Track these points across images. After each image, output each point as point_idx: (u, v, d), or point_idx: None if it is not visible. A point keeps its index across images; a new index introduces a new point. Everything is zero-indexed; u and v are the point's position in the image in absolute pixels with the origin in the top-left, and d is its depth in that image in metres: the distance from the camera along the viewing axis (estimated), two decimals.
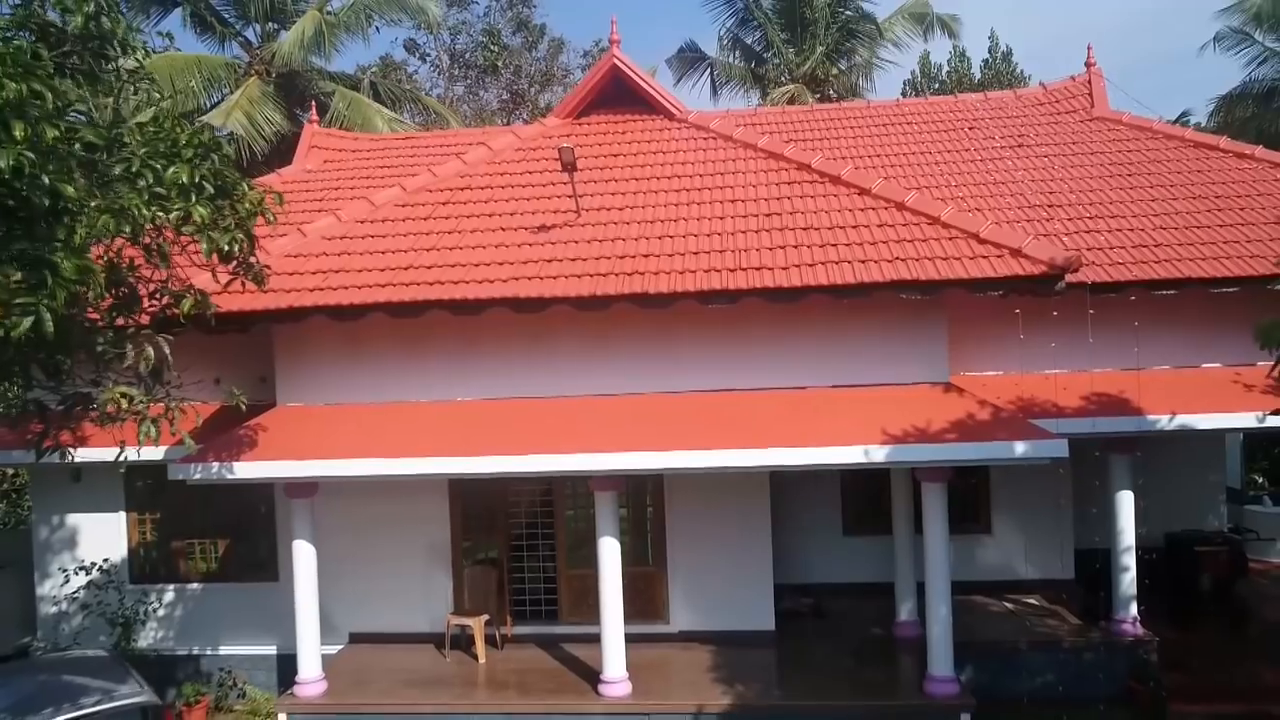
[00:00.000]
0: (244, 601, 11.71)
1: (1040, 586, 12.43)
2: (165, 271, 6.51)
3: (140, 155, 5.84)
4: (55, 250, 4.49)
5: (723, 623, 10.93)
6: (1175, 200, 11.34)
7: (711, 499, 10.79)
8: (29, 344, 4.76)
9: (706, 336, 9.60)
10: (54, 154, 4.33)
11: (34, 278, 4.49)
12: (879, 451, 8.41)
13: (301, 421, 9.70)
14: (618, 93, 12.42)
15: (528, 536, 11.35)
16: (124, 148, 5.86)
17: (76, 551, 11.98)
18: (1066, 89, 14.36)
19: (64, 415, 6.91)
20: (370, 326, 9.51)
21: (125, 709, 7.78)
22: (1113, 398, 10.14)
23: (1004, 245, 8.70)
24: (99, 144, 5.13)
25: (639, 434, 8.89)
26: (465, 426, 9.38)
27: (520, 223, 10.15)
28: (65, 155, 4.50)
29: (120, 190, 5.64)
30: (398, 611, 11.30)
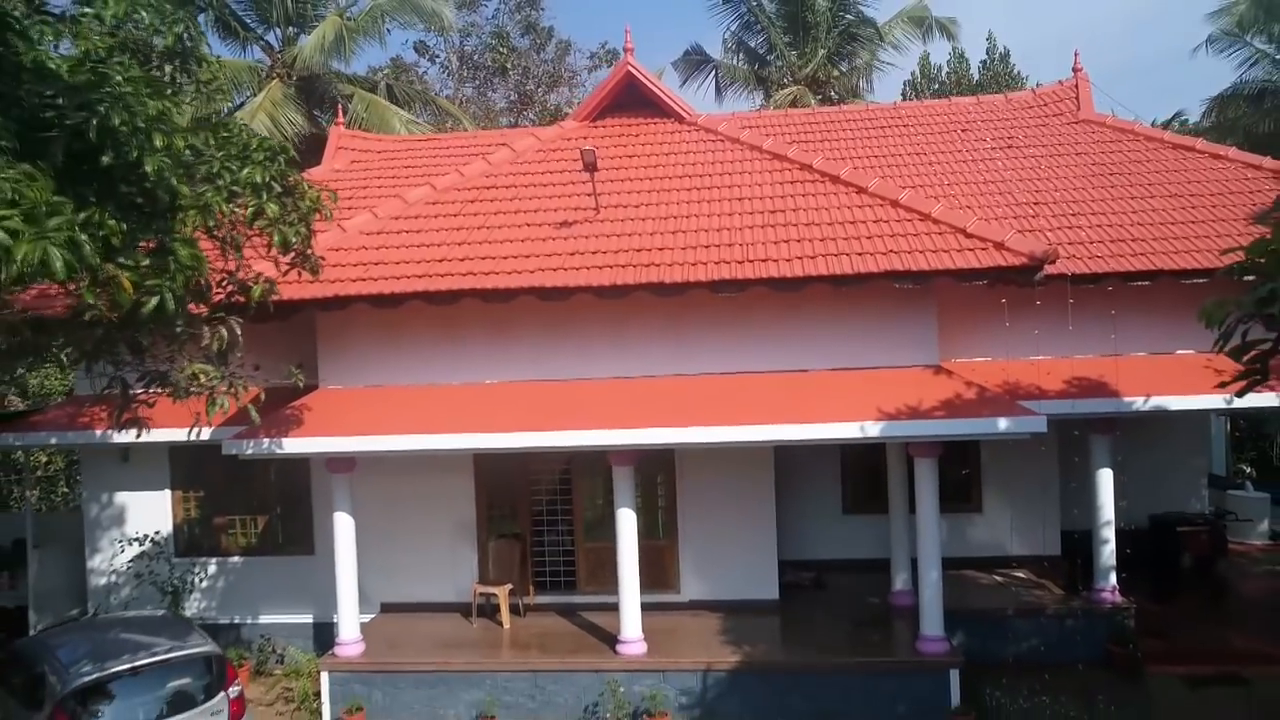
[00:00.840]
0: (282, 573, 12.51)
1: (1028, 562, 13.19)
2: (236, 260, 7.30)
3: (219, 158, 6.64)
4: (174, 241, 5.31)
5: (730, 592, 11.74)
6: (1153, 198, 12.13)
7: (720, 477, 11.60)
8: (150, 320, 5.58)
9: (716, 323, 10.42)
10: (178, 159, 5.15)
11: (158, 264, 5.30)
12: (874, 427, 9.22)
13: (343, 402, 10.52)
14: (631, 97, 13.26)
15: (548, 512, 12.16)
16: (204, 151, 6.67)
17: (125, 527, 12.78)
18: (1054, 93, 15.17)
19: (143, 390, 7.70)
20: (406, 314, 10.34)
21: (194, 656, 8.63)
22: (1092, 381, 10.93)
23: (988, 239, 9.50)
24: (201, 149, 5.93)
25: (654, 412, 9.71)
26: (494, 406, 10.20)
27: (544, 219, 10.97)
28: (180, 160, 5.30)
29: (203, 189, 6.44)
30: (427, 583, 12.11)
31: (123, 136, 4.67)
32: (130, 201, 4.97)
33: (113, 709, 8.01)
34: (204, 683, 8.53)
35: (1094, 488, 11.52)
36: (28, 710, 8.27)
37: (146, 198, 5.02)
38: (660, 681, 10.06)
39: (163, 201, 5.16)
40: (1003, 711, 10.04)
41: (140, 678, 8.29)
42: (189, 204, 5.99)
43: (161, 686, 8.36)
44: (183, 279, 5.51)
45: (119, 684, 8.16)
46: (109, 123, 4.58)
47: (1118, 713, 9.87)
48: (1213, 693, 10.32)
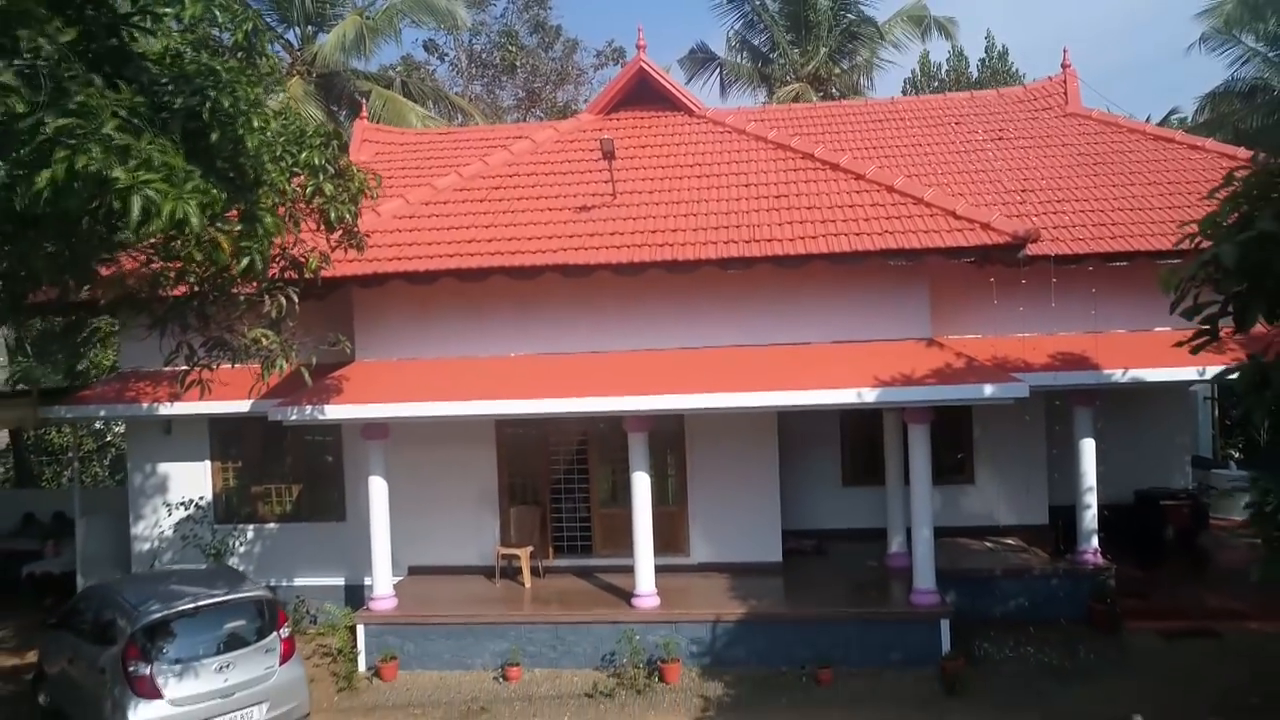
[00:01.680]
0: (315, 539, 13.31)
1: (1017, 530, 13.96)
2: (294, 235, 8.09)
3: (281, 141, 7.45)
4: (260, 210, 6.11)
5: (736, 555, 12.55)
6: (1133, 186, 12.91)
7: (727, 447, 12.41)
8: (242, 274, 6.40)
9: (724, 300, 11.24)
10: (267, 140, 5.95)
11: (247, 230, 6.10)
12: (870, 393, 10.03)
13: (377, 374, 11.34)
14: (643, 92, 14.08)
15: (565, 481, 12.98)
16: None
17: (167, 496, 13.60)
18: (1044, 88, 15.97)
19: (206, 354, 8.51)
20: (437, 291, 11.15)
21: (247, 600, 9.45)
22: (1074, 355, 11.73)
23: (975, 220, 10.30)
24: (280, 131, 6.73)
25: (666, 380, 10.52)
26: (518, 376, 11.02)
27: (564, 204, 11.79)
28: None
29: (269, 169, 7.25)
30: (452, 547, 12.92)
31: (226, 117, 5.49)
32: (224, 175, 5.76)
33: (176, 645, 8.81)
34: (257, 625, 9.33)
35: (1077, 457, 12.30)
36: (99, 647, 9.09)
37: (237, 172, 5.81)
38: (673, 632, 10.86)
39: (249, 176, 5.96)
40: (990, 660, 10.86)
41: (200, 617, 9.11)
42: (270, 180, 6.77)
43: (219, 626, 9.17)
44: (267, 243, 6.32)
45: (182, 623, 8.96)
46: (219, 105, 5.40)
47: (1096, 660, 10.69)
48: (1186, 645, 11.08)
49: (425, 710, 10.24)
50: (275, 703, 9.10)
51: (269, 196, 6.39)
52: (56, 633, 10.24)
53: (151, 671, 8.51)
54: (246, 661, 9.00)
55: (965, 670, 10.31)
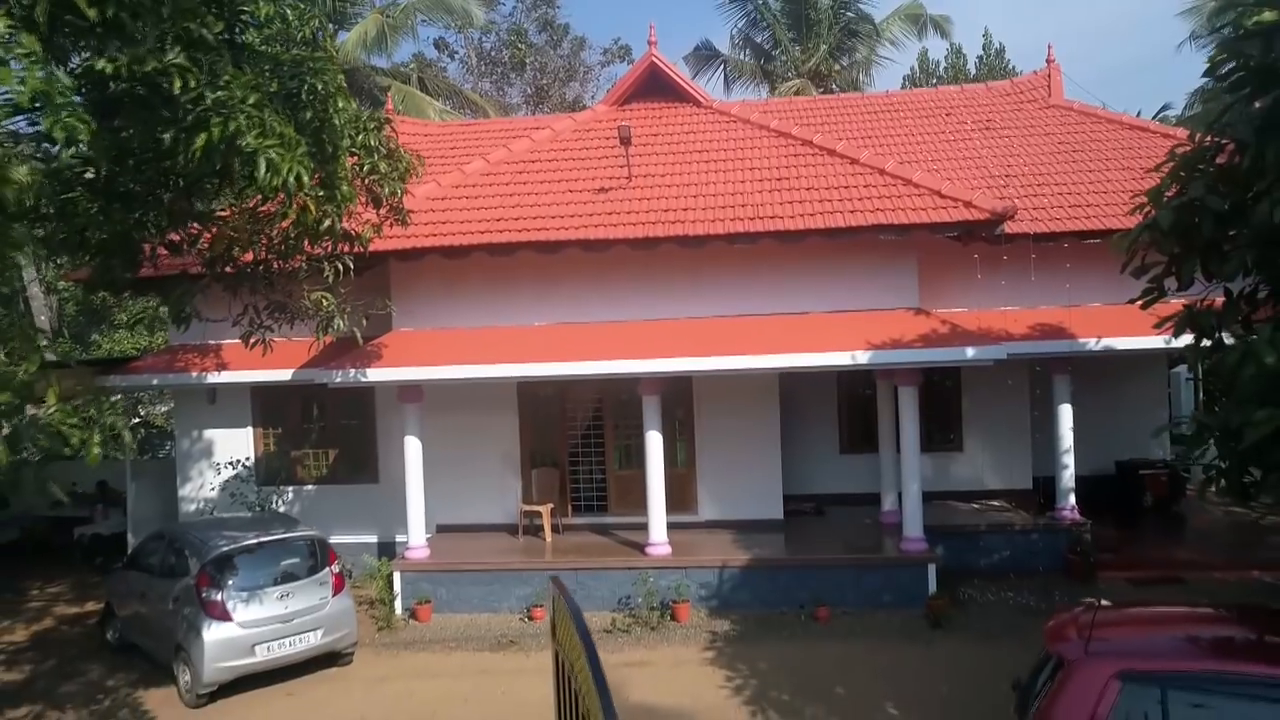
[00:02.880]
0: (350, 499, 14.35)
1: (1002, 494, 15.00)
2: (351, 209, 9.08)
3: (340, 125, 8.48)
4: (338, 179, 7.14)
5: (741, 513, 13.58)
6: (1108, 171, 13.93)
7: (732, 413, 13.44)
8: (325, 234, 7.45)
9: (730, 273, 12.27)
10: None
11: (329, 195, 7.13)
12: (863, 355, 11.07)
13: (414, 341, 12.39)
14: (654, 85, 15.13)
15: (583, 445, 14.03)
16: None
17: (213, 460, 14.66)
18: (1029, 82, 17.00)
19: (269, 315, 9.55)
20: (468, 266, 12.20)
21: (302, 538, 10.53)
22: (1052, 327, 12.76)
23: (959, 198, 11.33)
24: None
25: (677, 345, 11.56)
26: (540, 343, 12.06)
27: (583, 186, 12.83)
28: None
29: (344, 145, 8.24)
30: (477, 506, 13.95)
31: (318, 99, 6.51)
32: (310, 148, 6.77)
33: (241, 575, 9.87)
34: (310, 561, 10.40)
35: (1055, 421, 13.33)
36: (170, 580, 10.16)
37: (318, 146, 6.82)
38: (683, 577, 11.90)
39: (328, 150, 6.97)
40: (973, 602, 11.89)
41: (261, 553, 10.18)
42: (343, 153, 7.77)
43: (278, 561, 10.24)
44: (343, 209, 7.35)
45: (245, 557, 10.04)
46: (314, 88, 6.42)
47: (1068, 603, 11.70)
48: (1152, 590, 12.10)
49: (460, 644, 11.27)
50: (329, 629, 10.16)
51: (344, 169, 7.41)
52: (125, 573, 11.33)
53: (222, 597, 9.57)
54: (303, 592, 10.06)
55: (950, 609, 11.34)
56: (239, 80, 5.51)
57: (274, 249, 8.87)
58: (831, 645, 10.63)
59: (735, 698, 9.25)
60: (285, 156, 5.72)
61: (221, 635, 9.43)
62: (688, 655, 10.48)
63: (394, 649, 11.22)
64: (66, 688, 10.33)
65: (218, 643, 9.38)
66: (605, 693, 3.31)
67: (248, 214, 7.57)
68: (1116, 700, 5.07)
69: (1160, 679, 5.08)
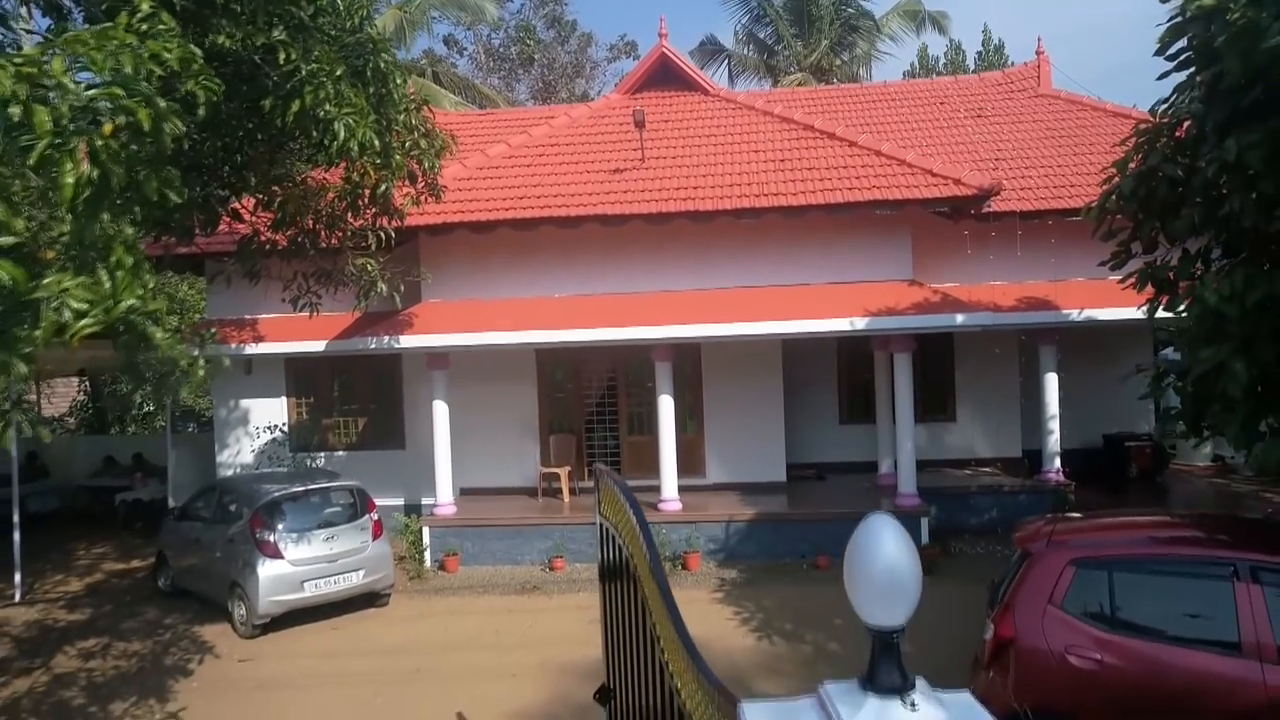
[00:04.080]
0: (378, 465, 15.23)
1: (994, 462, 15.90)
2: (401, 177, 9.92)
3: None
4: (392, 149, 8.03)
5: (747, 476, 14.48)
6: (1092, 154, 14.78)
7: (738, 381, 14.34)
8: (378, 200, 8.37)
9: (736, 248, 13.16)
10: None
11: (385, 163, 8.03)
12: (860, 322, 11.96)
13: (442, 311, 13.28)
14: (665, 74, 16.04)
15: (598, 413, 14.93)
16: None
17: (249, 428, 15.58)
18: (1020, 72, 17.89)
19: (316, 281, 10.45)
20: (493, 241, 13.10)
21: (343, 487, 11.45)
22: (1038, 299, 13.67)
23: (949, 176, 12.22)
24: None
25: (687, 314, 12.46)
26: (560, 312, 12.95)
27: (599, 167, 13.74)
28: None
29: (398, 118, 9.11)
30: (498, 470, 14.85)
31: (380, 75, 7.40)
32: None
33: (289, 520, 10.78)
34: (351, 509, 11.31)
35: (1042, 389, 14.23)
36: (224, 525, 11.07)
37: (379, 117, 7.69)
38: (693, 531, 12.79)
39: (384, 122, 7.86)
40: (963, 554, 12.79)
41: (307, 500, 11.09)
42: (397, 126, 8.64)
43: (323, 508, 11.16)
44: (395, 176, 8.26)
45: (293, 503, 10.95)
46: (377, 65, 7.32)
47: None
48: None
49: (486, 590, 12.17)
50: (369, 570, 11.06)
51: (398, 140, 8.30)
52: (177, 524, 12.24)
53: (274, 538, 10.48)
54: (346, 536, 10.97)
55: (941, 558, 12.24)
56: (325, 55, 6.41)
57: (321, 220, 9.78)
58: (831, 588, 11.50)
59: (743, 627, 10.16)
60: (359, 123, 6.63)
61: (274, 572, 10.34)
62: (698, 596, 11.37)
63: (425, 595, 12.11)
64: (127, 624, 11.24)
65: (271, 578, 10.29)
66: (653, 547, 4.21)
67: (299, 188, 8.45)
68: (1071, 582, 5.98)
69: (1107, 563, 5.98)
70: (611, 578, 5.17)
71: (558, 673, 8.89)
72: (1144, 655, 5.68)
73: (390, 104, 7.73)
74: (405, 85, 8.14)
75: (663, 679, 4.07)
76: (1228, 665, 5.48)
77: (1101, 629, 5.81)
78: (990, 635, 6.26)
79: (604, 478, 5.20)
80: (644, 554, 4.28)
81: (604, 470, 5.25)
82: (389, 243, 10.23)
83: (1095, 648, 5.77)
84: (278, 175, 8.12)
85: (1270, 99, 6.14)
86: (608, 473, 5.17)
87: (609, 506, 5.11)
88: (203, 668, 9.71)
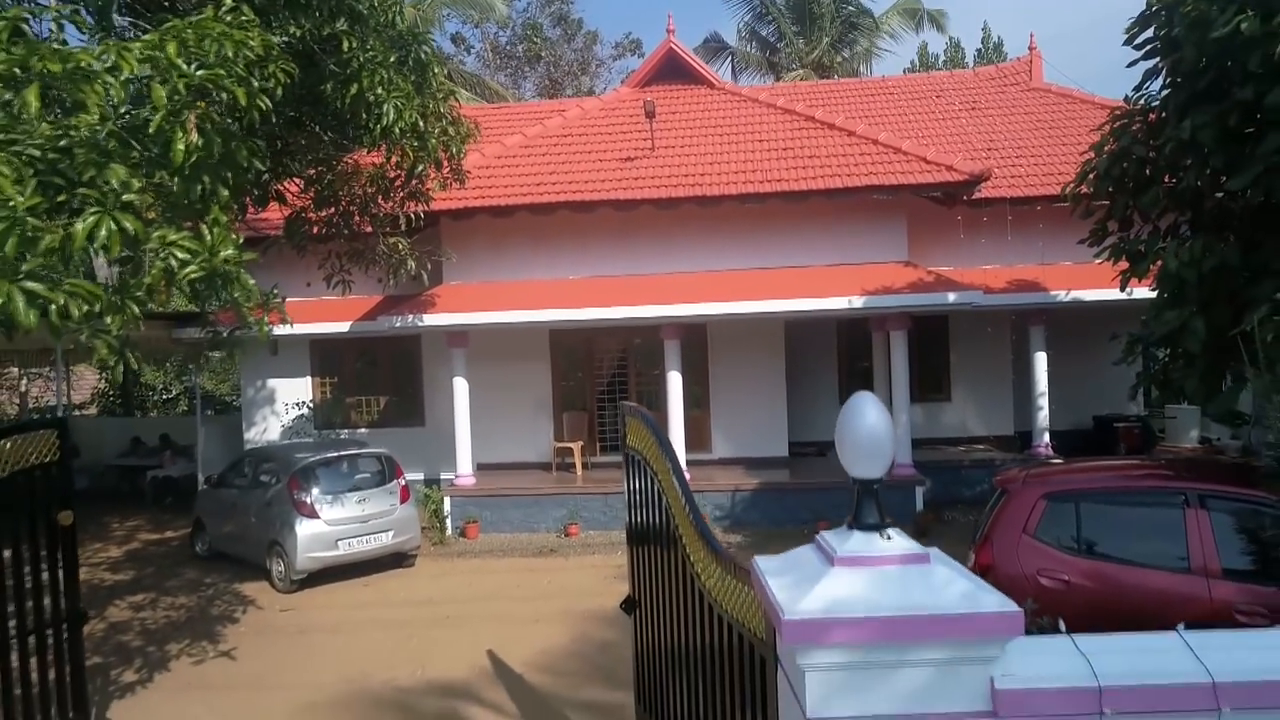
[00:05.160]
0: (399, 441, 15.82)
1: (987, 439, 16.63)
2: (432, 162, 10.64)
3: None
4: (428, 133, 8.77)
5: (751, 451, 15.22)
6: (1079, 144, 15.36)
7: (743, 361, 15.09)
8: (415, 178, 9.13)
9: (741, 232, 13.91)
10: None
11: (422, 145, 8.77)
12: (859, 300, 12.69)
13: (462, 292, 14.03)
14: (672, 69, 16.79)
15: (608, 391, 15.67)
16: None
17: (274, 407, 16.33)
18: (1013, 67, 18.61)
19: (349, 260, 11.19)
20: (511, 226, 13.85)
21: (373, 454, 12.19)
22: (1027, 282, 14.40)
23: (942, 163, 12.96)
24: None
25: (694, 293, 13.19)
26: (575, 293, 13.69)
27: (612, 156, 14.49)
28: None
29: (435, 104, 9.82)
30: (514, 446, 15.59)
31: (421, 65, 8.15)
32: None
33: (324, 483, 11.51)
34: (380, 475, 12.05)
35: (1030, 365, 14.96)
36: (262, 490, 11.82)
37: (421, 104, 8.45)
38: (700, 500, 13.46)
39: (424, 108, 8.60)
40: (955, 521, 13.50)
41: (340, 465, 11.83)
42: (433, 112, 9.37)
43: (353, 474, 11.90)
44: (432, 156, 9.01)
45: (327, 469, 11.68)
46: (419, 55, 8.07)
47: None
48: None
49: (505, 553, 12.91)
50: (398, 531, 11.81)
51: (433, 125, 9.05)
52: (214, 492, 13.00)
53: (310, 499, 11.23)
54: (376, 498, 11.71)
55: (934, 524, 12.98)
56: (378, 45, 7.15)
57: (355, 202, 10.53)
58: None
59: None
60: (406, 105, 7.38)
61: (311, 530, 11.08)
62: None
63: (449, 557, 12.86)
64: (170, 583, 11.99)
65: (309, 536, 11.04)
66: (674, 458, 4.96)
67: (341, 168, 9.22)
68: (1043, 514, 6.72)
69: (1075, 496, 6.72)
70: (637, 503, 5.92)
71: (578, 618, 9.63)
72: (1106, 575, 6.41)
73: (428, 92, 8.47)
74: (442, 74, 8.88)
75: (685, 569, 4.83)
76: (1178, 582, 6.21)
77: (1069, 553, 6.55)
78: (971, 563, 6.99)
79: (631, 413, 5.96)
80: (666, 466, 5.04)
81: (631, 406, 6.00)
82: (418, 224, 10.95)
83: (1063, 570, 6.50)
84: (323, 157, 8.87)
85: (1219, 83, 6.87)
86: (635, 408, 5.92)
87: (635, 437, 5.87)
88: (247, 617, 10.46)
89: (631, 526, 6.00)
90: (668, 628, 5.20)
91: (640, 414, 5.69)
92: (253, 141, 5.40)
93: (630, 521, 6.00)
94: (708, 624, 4.35)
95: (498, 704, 7.53)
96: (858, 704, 2.92)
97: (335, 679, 8.23)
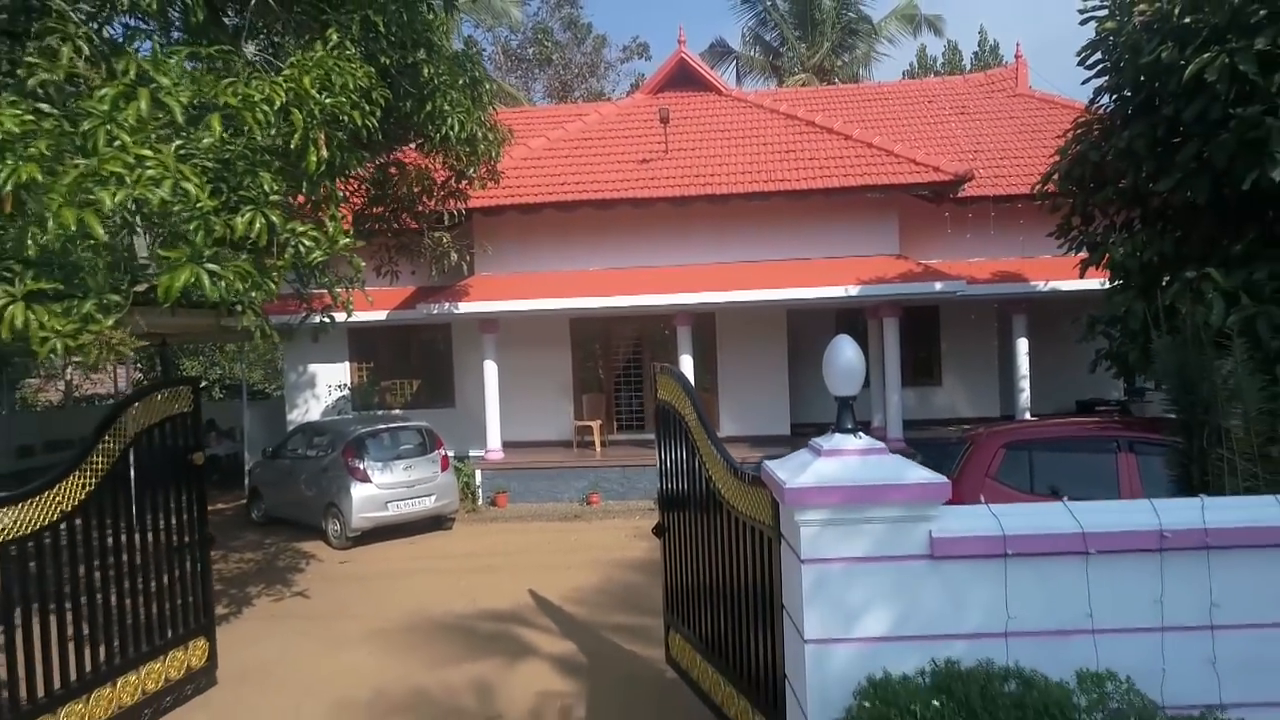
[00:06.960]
0: (431, 421, 16.93)
1: (976, 421, 17.92)
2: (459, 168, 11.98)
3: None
4: (478, 141, 10.10)
5: (756, 429, 16.56)
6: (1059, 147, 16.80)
7: (748, 346, 16.42)
8: (465, 178, 10.47)
9: (747, 227, 15.24)
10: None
11: (472, 150, 10.12)
12: (854, 289, 14.01)
13: (492, 282, 15.38)
14: (683, 77, 18.13)
15: (624, 374, 17.02)
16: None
17: (315, 390, 17.69)
18: (1000, 74, 19.92)
19: (397, 252, 12.53)
20: (536, 222, 15.19)
21: (415, 426, 13.54)
22: (1010, 273, 15.71)
23: (930, 164, 14.28)
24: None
25: (705, 283, 14.53)
26: (595, 283, 15.03)
27: (629, 157, 15.83)
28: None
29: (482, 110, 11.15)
30: (536, 425, 16.95)
31: (475, 83, 9.50)
32: None
33: (374, 451, 12.86)
34: (422, 445, 13.40)
35: (1013, 351, 16.28)
36: (318, 458, 13.17)
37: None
38: None
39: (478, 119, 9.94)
40: None
41: (388, 436, 13.18)
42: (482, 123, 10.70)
43: (398, 445, 13.24)
44: (480, 160, 10.37)
45: (375, 439, 13.03)
46: (474, 75, 9.45)
47: None
48: None
49: (533, 519, 14.26)
50: (439, 496, 13.16)
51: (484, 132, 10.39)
52: (270, 463, 14.35)
53: (364, 465, 12.57)
54: (420, 466, 13.07)
55: None
56: (448, 69, 8.49)
57: (402, 202, 11.88)
58: None
59: None
60: (468, 119, 8.72)
61: (365, 493, 12.44)
62: None
63: (482, 522, 14.21)
64: (234, 543, 13.35)
65: (363, 498, 12.39)
66: (695, 400, 6.28)
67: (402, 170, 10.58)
68: (1002, 460, 8.06)
69: (1029, 445, 8.06)
70: (666, 445, 7.25)
71: (604, 566, 10.98)
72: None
73: (480, 105, 9.81)
74: (492, 89, 10.22)
75: (708, 487, 6.17)
76: None
77: (1023, 492, 7.89)
78: None
79: (661, 371, 7.30)
80: (691, 408, 6.37)
81: (662, 366, 7.34)
82: (455, 221, 12.29)
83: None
84: (379, 162, 10.22)
85: (1150, 100, 8.18)
86: (665, 366, 7.27)
87: (665, 391, 7.20)
88: (310, 568, 11.81)
89: (661, 464, 7.30)
90: (692, 540, 6.52)
91: (669, 370, 7.04)
92: (359, 153, 6.74)
93: (660, 460, 7.30)
94: (726, 526, 5.68)
95: (543, 626, 8.87)
96: (836, 550, 4.26)
97: (399, 612, 9.57)
